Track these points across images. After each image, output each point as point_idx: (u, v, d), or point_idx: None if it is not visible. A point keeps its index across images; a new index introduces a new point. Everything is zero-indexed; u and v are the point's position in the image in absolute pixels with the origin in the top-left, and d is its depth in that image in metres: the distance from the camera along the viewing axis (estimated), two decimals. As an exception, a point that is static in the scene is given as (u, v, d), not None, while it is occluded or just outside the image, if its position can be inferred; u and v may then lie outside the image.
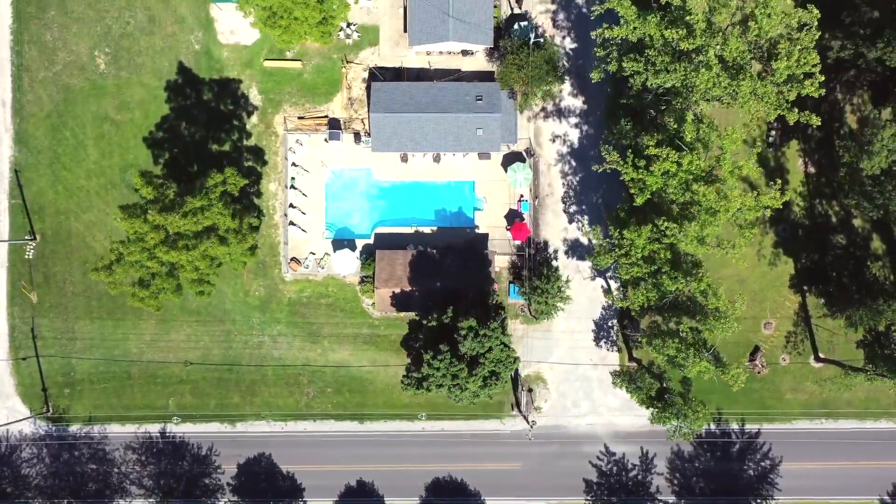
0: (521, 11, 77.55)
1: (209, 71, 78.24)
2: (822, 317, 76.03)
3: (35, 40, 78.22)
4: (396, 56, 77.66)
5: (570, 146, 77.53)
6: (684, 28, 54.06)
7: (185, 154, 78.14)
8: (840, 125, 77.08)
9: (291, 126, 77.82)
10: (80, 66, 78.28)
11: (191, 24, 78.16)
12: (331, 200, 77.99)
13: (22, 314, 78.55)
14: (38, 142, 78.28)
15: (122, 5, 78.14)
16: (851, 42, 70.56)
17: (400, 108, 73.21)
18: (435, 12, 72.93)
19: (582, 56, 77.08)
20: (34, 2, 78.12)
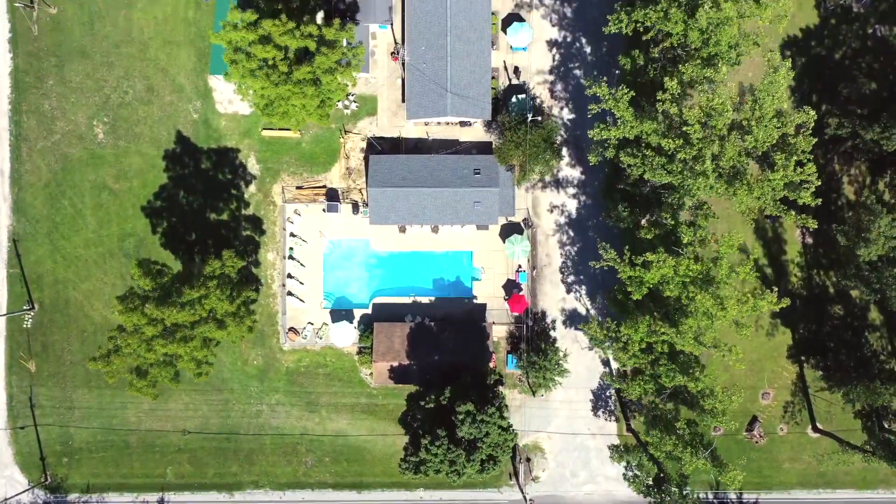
0: (519, 82, 77.64)
1: (207, 140, 78.34)
2: (821, 390, 76.07)
3: (34, 110, 78.32)
4: (395, 126, 77.75)
5: (567, 216, 77.61)
6: (682, 139, 54.16)
7: (184, 223, 78.23)
8: (838, 195, 77.22)
9: (289, 196, 77.88)
10: (78, 135, 78.37)
11: (189, 94, 78.24)
12: (329, 270, 78.03)
13: (20, 383, 78.56)
14: (37, 211, 78.35)
15: (120, 75, 78.24)
16: (848, 120, 70.73)
17: (398, 182, 73.30)
18: (433, 87, 73.04)
19: (580, 127, 77.17)
20: (33, 71, 78.22)
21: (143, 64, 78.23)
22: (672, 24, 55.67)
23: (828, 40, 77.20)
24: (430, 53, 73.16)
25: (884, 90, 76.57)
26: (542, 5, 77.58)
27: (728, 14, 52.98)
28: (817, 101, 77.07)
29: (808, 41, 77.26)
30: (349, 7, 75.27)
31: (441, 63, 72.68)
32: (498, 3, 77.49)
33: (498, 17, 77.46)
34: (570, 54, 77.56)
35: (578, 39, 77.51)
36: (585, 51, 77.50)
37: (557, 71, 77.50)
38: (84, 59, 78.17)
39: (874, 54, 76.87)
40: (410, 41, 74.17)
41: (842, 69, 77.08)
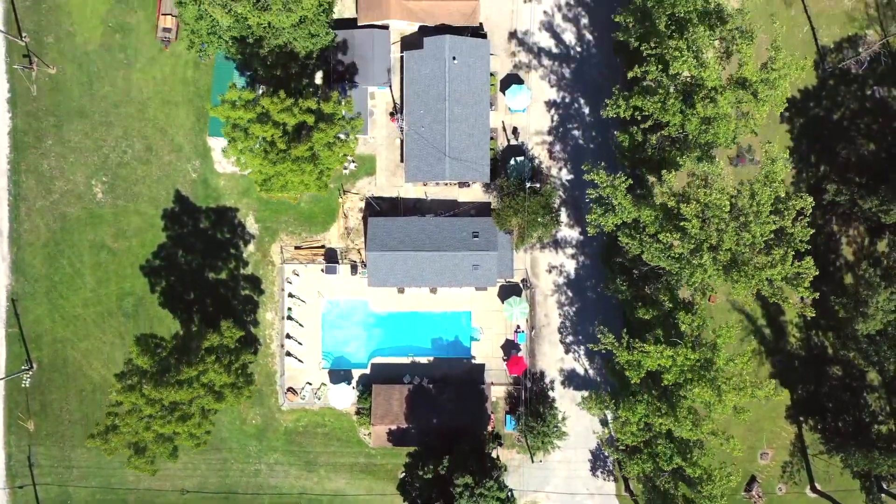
0: (517, 143, 77.69)
1: (206, 199, 78.38)
2: (820, 453, 76.05)
3: (32, 170, 78.39)
4: (393, 186, 77.78)
5: (566, 277, 77.62)
6: (679, 232, 54.19)
7: (183, 282, 78.28)
8: (836, 256, 77.24)
9: (288, 256, 77.92)
10: (77, 194, 78.42)
11: (188, 153, 78.30)
12: (327, 329, 78.05)
13: (18, 442, 78.56)
14: (35, 270, 78.39)
15: (119, 134, 78.29)
16: (847, 188, 70.81)
17: (396, 246, 73.33)
18: (431, 150, 73.10)
19: (578, 188, 77.18)
20: (31, 131, 78.29)
21: (141, 124, 78.29)
22: (670, 115, 55.72)
23: (826, 101, 77.24)
24: (428, 117, 73.21)
25: (882, 151, 76.62)
26: (541, 66, 77.62)
27: (725, 111, 53.07)
28: (816, 161, 77.14)
29: (807, 102, 77.29)
30: (348, 69, 75.31)
31: (439, 127, 72.73)
32: (496, 64, 77.52)
33: (497, 77, 77.51)
34: (568, 115, 77.61)
35: (577, 100, 77.55)
36: (584, 111, 77.55)
37: (556, 131, 77.55)
38: (83, 118, 78.23)
39: (873, 115, 76.91)
40: (409, 104, 74.22)
41: (840, 130, 77.12)
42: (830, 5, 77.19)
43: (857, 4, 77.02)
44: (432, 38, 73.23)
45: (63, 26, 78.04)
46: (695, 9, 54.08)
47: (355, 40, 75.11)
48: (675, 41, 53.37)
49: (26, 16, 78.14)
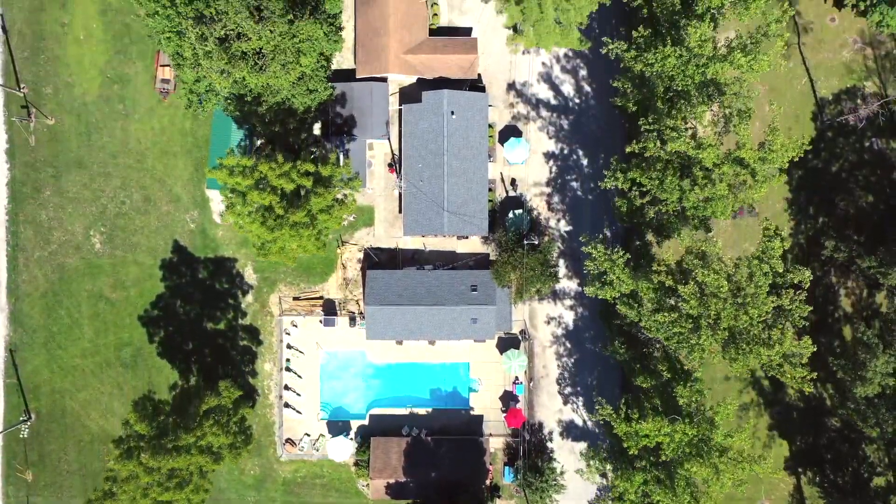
0: (515, 194, 77.68)
1: (204, 250, 78.36)
2: (818, 509, 76.21)
3: (31, 220, 78.37)
4: (392, 237, 77.75)
5: (565, 328, 77.60)
6: (676, 313, 54.23)
7: (181, 332, 78.26)
8: (835, 307, 77.24)
9: (286, 307, 77.88)
10: (75, 245, 78.39)
11: (186, 204, 78.28)
12: (326, 380, 78.02)
13: (16, 493, 78.50)
14: (34, 321, 78.36)
15: (117, 185, 78.28)
16: (846, 245, 70.84)
17: (395, 300, 73.30)
18: (430, 204, 73.09)
19: (577, 239, 77.07)
20: (30, 182, 78.28)
21: (140, 174, 78.29)
22: (668, 192, 55.74)
23: (825, 153, 77.24)
24: (427, 171, 73.21)
25: (881, 203, 76.64)
26: (539, 117, 77.62)
27: (721, 192, 53.14)
28: (814, 212, 77.11)
29: (805, 153, 77.06)
30: (346, 122, 75.31)
31: (438, 181, 72.72)
32: (495, 115, 77.52)
33: (495, 129, 77.51)
34: (567, 166, 77.61)
35: (575, 152, 77.56)
36: (582, 163, 77.56)
37: (554, 183, 77.54)
38: (81, 169, 78.23)
39: (871, 167, 76.93)
40: (407, 157, 74.22)
41: (839, 181, 77.14)
42: (829, 57, 77.20)
43: (856, 56, 77.01)
44: (431, 93, 73.20)
45: (62, 77, 78.03)
46: (693, 82, 54.05)
47: (354, 93, 75.10)
48: (673, 120, 53.45)
49: (25, 67, 78.13)
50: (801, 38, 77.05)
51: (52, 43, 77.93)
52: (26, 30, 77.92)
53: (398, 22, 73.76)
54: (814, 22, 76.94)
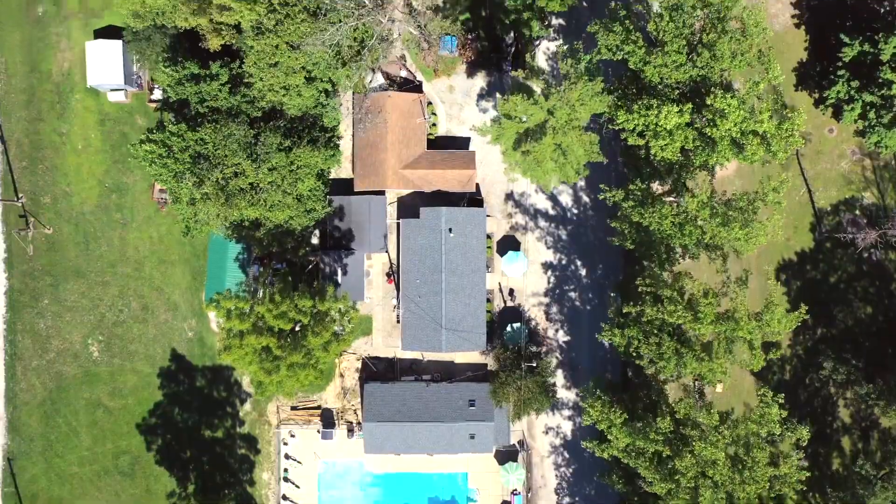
0: (514, 304, 77.65)
1: (202, 358, 78.31)
2: None
3: (28, 329, 78.35)
4: (389, 347, 77.69)
5: (563, 438, 77.52)
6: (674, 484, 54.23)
7: (179, 441, 78.20)
8: (833, 418, 77.14)
9: (284, 416, 77.82)
10: (73, 353, 78.37)
11: (184, 312, 78.26)
12: (324, 489, 77.92)
13: None
14: (31, 429, 78.31)
15: (115, 294, 78.29)
16: (844, 368, 70.87)
17: (393, 416, 73.25)
18: (428, 321, 73.07)
19: (575, 349, 77.17)
20: (28, 291, 78.29)
21: (138, 283, 78.29)
22: (665, 360, 55.80)
23: (823, 264, 77.19)
24: (424, 287, 73.19)
25: (880, 314, 76.58)
26: (537, 228, 77.60)
27: (719, 368, 53.22)
28: (813, 324, 76.99)
29: (804, 265, 77.25)
30: (344, 235, 75.32)
31: (436, 298, 72.71)
32: (493, 226, 77.54)
33: (493, 239, 77.51)
34: (565, 276, 77.57)
35: (573, 262, 77.52)
36: (580, 273, 77.53)
37: (553, 293, 77.50)
38: (79, 278, 78.24)
39: (870, 278, 76.86)
40: (405, 272, 74.21)
41: (837, 293, 77.06)
42: (827, 168, 77.19)
43: (854, 167, 77.02)
44: (429, 210, 73.22)
45: (60, 187, 78.09)
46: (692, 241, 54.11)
47: (352, 206, 75.12)
48: (671, 290, 53.49)
49: (23, 176, 78.20)
50: (799, 149, 76.90)
51: (51, 152, 78.01)
52: (25, 140, 77.99)
53: (396, 137, 73.80)
54: (812, 133, 76.90)
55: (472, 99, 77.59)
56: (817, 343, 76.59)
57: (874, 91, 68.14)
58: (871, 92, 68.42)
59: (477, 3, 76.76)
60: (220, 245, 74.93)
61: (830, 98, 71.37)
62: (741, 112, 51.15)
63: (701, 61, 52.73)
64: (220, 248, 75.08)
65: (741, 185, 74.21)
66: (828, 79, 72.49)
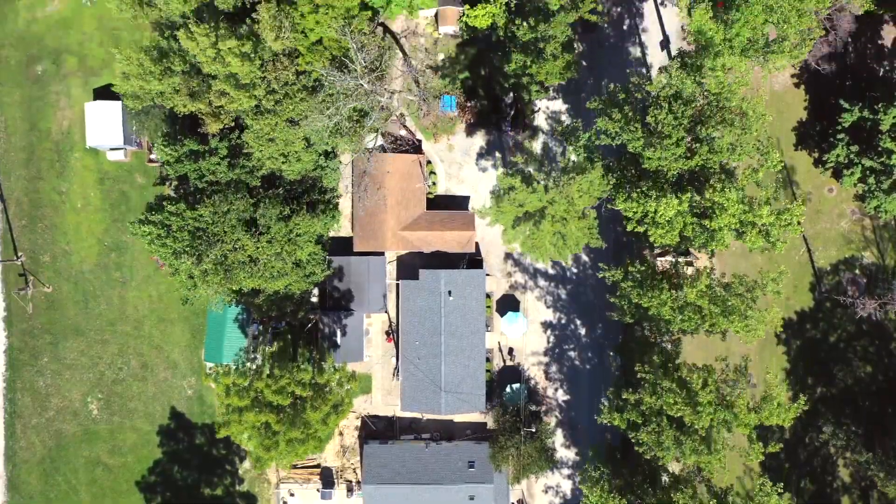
0: (513, 363, 77.62)
1: (201, 416, 78.29)
2: None
3: (28, 387, 78.36)
4: (389, 405, 77.66)
5: (563, 497, 77.46)
6: None
7: (178, 498, 78.18)
8: (833, 477, 77.10)
9: (283, 475, 77.76)
10: (72, 411, 78.37)
11: (183, 370, 78.26)
12: (323, 548, 77.89)
13: None
14: (31, 487, 78.31)
15: (114, 352, 78.31)
16: (843, 432, 70.80)
17: (392, 478, 73.20)
18: (427, 383, 73.06)
19: (574, 408, 77.14)
20: (27, 349, 78.32)
21: (137, 341, 78.31)
22: (664, 449, 55.82)
23: (823, 323, 77.13)
24: (424, 349, 73.18)
25: (879, 373, 76.53)
26: (537, 287, 77.55)
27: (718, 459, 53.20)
28: (812, 383, 76.96)
29: (803, 324, 77.19)
30: (343, 296, 75.29)
31: (435, 361, 72.69)
32: (492, 285, 77.51)
33: (492, 299, 77.49)
34: (564, 336, 77.54)
35: (573, 321, 77.49)
36: (580, 332, 77.48)
37: (552, 352, 77.46)
38: (78, 336, 78.27)
39: (870, 337, 76.76)
40: (404, 333, 74.19)
41: (837, 352, 77.01)
42: (826, 227, 77.13)
43: (854, 227, 76.95)
44: (428, 272, 73.17)
45: (59, 245, 78.11)
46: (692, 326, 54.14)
47: (351, 267, 75.11)
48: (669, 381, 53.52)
49: (23, 235, 78.22)
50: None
51: (50, 211, 78.03)
52: (24, 198, 78.03)
53: (395, 199, 73.79)
54: (812, 192, 76.89)
55: (472, 158, 77.60)
56: (816, 402, 76.54)
57: (874, 157, 68.10)
58: (870, 157, 68.39)
59: (476, 63, 76.87)
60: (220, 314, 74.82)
61: (830, 162, 71.33)
62: (740, 206, 51.16)
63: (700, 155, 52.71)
64: (219, 316, 74.96)
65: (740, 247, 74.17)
66: (828, 141, 72.48)
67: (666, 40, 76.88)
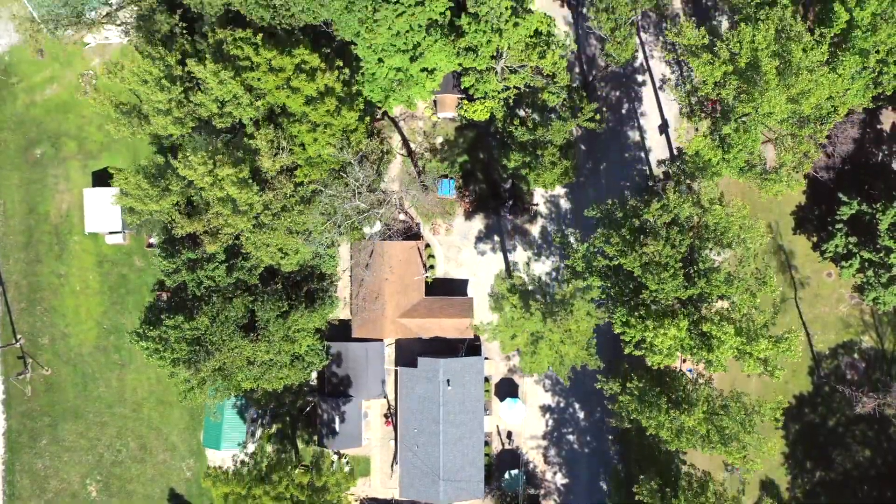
0: (512, 447, 77.56)
1: (200, 498, 78.23)
2: None
3: (27, 469, 78.40)
4: (388, 488, 77.65)
5: (561, 581, 77.51)
6: None
7: (177, 578, 78.34)
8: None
9: (283, 558, 77.76)
10: (71, 493, 78.40)
11: (182, 453, 78.26)
12: None
13: None
14: (30, 570, 78.43)
15: (113, 434, 78.34)
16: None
17: (391, 566, 73.30)
18: (426, 470, 73.02)
19: (574, 492, 77.05)
20: (26, 432, 78.36)
21: (136, 423, 78.33)
22: None
23: (822, 408, 77.05)
24: (422, 437, 73.13)
25: (878, 458, 76.43)
26: (535, 370, 77.49)
27: None
28: (811, 467, 76.88)
29: (802, 408, 77.13)
30: (342, 381, 75.26)
31: (434, 449, 72.62)
32: (491, 368, 77.49)
33: (491, 382, 77.49)
34: (563, 419, 77.50)
35: (571, 405, 77.42)
36: (578, 416, 77.42)
37: (551, 436, 77.42)
38: (77, 419, 78.30)
39: (868, 422, 76.65)
40: (403, 419, 74.18)
41: (836, 436, 76.92)
42: (825, 311, 77.08)
43: (853, 311, 76.87)
44: (426, 361, 73.12)
45: (58, 328, 78.15)
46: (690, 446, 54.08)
47: (349, 353, 75.06)
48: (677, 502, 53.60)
49: (21, 317, 78.28)
50: (797, 292, 76.96)
51: (49, 294, 78.08)
52: (23, 281, 78.09)
53: (394, 287, 73.79)
54: (811, 277, 76.84)
55: (471, 242, 77.61)
56: (815, 486, 76.48)
57: (872, 249, 68.07)
58: (869, 250, 68.36)
59: (475, 146, 76.90)
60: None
61: (829, 252, 71.31)
62: (738, 339, 51.16)
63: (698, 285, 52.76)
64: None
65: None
66: (826, 229, 72.45)
67: (665, 124, 76.87)
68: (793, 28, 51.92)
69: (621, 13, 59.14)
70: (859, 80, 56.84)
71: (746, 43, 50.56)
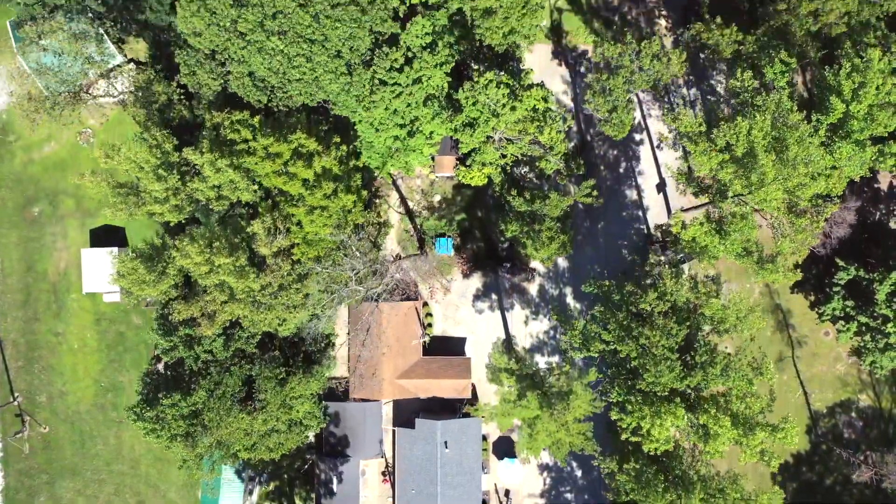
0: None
1: (199, 556, 78.36)
2: None
3: (25, 527, 78.44)
4: (385, 547, 77.71)
5: None
6: None
7: None
8: None
9: None
10: (69, 550, 78.45)
11: (180, 510, 78.35)
12: None
13: None
14: None
15: (111, 491, 78.31)
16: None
17: None
18: (424, 535, 73.07)
19: (571, 552, 77.24)
20: (24, 489, 78.31)
21: (134, 480, 78.30)
22: None
23: (819, 466, 77.09)
24: (419, 498, 73.10)
25: (878, 523, 76.69)
26: (533, 429, 77.45)
27: None
28: None
29: (800, 466, 77.17)
30: (340, 441, 75.24)
31: (431, 511, 72.72)
32: (489, 427, 77.44)
33: (489, 440, 77.47)
34: (560, 478, 77.50)
35: (569, 464, 77.41)
36: (576, 475, 77.42)
37: (549, 494, 77.42)
38: (75, 476, 78.25)
39: (864, 483, 76.65)
40: (400, 479, 74.17)
41: (833, 495, 76.95)
42: (823, 370, 77.13)
43: (850, 369, 76.94)
44: (424, 422, 73.10)
45: (56, 386, 78.12)
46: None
47: (347, 413, 75.00)
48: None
49: (19, 376, 78.22)
50: (795, 351, 77.02)
51: (47, 352, 78.05)
52: (21, 339, 78.05)
53: (392, 349, 73.78)
54: (808, 336, 76.90)
55: (468, 300, 77.62)
56: None
57: (869, 314, 68.13)
58: (866, 314, 68.41)
59: (473, 204, 76.92)
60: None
61: (826, 315, 71.37)
62: (735, 432, 51.20)
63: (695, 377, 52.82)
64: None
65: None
66: (824, 291, 72.50)
67: (662, 183, 76.92)
68: (790, 115, 51.94)
69: (618, 96, 59.23)
70: (856, 158, 56.92)
71: (743, 136, 50.69)
